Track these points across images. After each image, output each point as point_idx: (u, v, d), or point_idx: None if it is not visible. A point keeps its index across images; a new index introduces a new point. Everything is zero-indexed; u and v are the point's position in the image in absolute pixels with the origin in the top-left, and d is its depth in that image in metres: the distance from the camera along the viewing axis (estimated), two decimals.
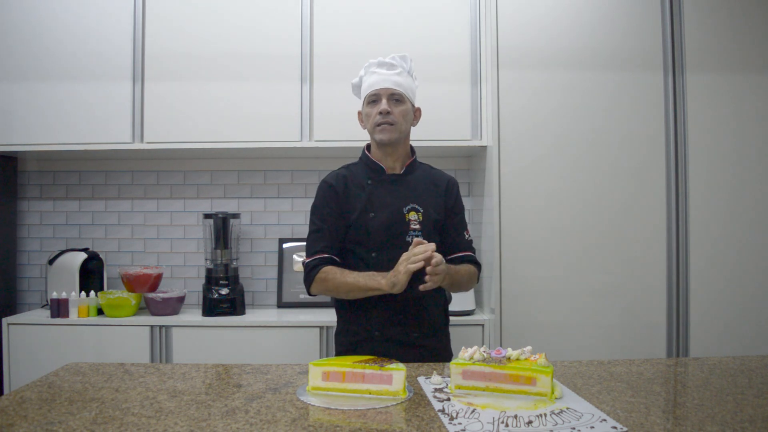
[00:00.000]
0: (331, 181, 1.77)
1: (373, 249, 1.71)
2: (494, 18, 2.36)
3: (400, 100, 1.75)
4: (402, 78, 1.76)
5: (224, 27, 2.46)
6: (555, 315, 2.33)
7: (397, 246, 1.68)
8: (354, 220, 1.71)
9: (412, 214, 1.73)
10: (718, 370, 1.40)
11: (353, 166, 1.83)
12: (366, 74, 1.79)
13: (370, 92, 1.75)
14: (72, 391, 1.23)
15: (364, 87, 1.79)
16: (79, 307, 2.42)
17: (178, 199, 2.80)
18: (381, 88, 1.73)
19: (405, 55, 1.81)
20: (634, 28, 2.37)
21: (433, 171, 1.87)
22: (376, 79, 1.75)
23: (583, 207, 2.36)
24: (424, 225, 1.73)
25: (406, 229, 1.72)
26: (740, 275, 2.35)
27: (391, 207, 1.72)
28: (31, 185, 2.81)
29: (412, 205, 1.74)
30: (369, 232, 1.70)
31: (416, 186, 1.78)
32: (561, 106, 2.37)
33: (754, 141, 2.37)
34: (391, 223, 1.71)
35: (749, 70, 2.36)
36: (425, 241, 1.56)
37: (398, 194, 1.75)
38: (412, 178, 1.79)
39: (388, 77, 1.74)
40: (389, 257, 1.66)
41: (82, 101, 2.46)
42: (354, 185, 1.76)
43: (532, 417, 1.04)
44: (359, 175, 1.78)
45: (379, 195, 1.74)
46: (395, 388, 1.19)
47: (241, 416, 1.07)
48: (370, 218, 1.71)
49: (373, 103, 1.75)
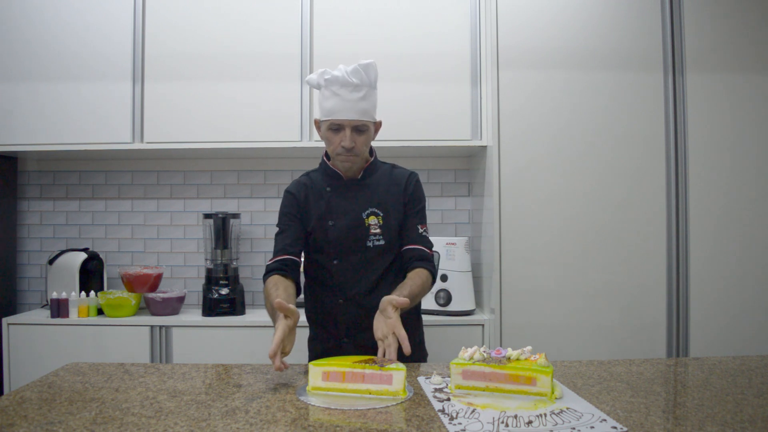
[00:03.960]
0: (292, 190, 1.74)
1: (334, 257, 1.68)
2: (494, 18, 2.36)
3: (364, 130, 1.64)
4: (366, 102, 1.62)
5: (224, 27, 2.47)
6: (555, 315, 2.33)
7: (359, 251, 1.66)
8: (313, 228, 1.68)
9: (371, 219, 1.68)
10: (718, 370, 1.40)
11: (313, 173, 1.78)
12: (326, 89, 1.62)
13: (332, 120, 1.61)
14: (72, 391, 1.23)
15: (324, 106, 1.63)
16: (79, 307, 2.42)
17: (178, 199, 2.80)
18: (345, 119, 1.60)
19: (370, 64, 1.62)
20: (634, 28, 2.37)
21: (394, 170, 1.78)
22: (338, 104, 1.60)
23: (583, 207, 2.36)
24: (385, 229, 1.68)
25: (366, 234, 1.67)
26: (740, 275, 2.35)
27: (349, 213, 1.68)
28: (31, 185, 2.81)
29: (372, 209, 1.69)
30: (328, 240, 1.67)
31: (376, 189, 1.71)
32: (561, 106, 2.37)
33: (753, 141, 2.37)
34: (350, 230, 1.67)
35: (749, 70, 2.36)
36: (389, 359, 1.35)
37: (357, 199, 1.69)
38: (372, 181, 1.72)
39: (352, 104, 1.59)
40: (350, 264, 1.66)
41: (82, 101, 2.46)
42: (313, 193, 1.72)
43: (532, 417, 1.04)
44: (318, 182, 1.74)
45: (337, 202, 1.69)
46: (395, 388, 1.19)
47: (241, 416, 1.07)
48: (329, 226, 1.67)
49: (335, 130, 1.63)
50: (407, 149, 2.56)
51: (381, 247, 1.68)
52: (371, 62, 1.63)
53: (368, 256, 1.68)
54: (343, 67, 1.61)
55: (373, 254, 1.68)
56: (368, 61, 1.62)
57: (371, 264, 1.68)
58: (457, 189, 2.82)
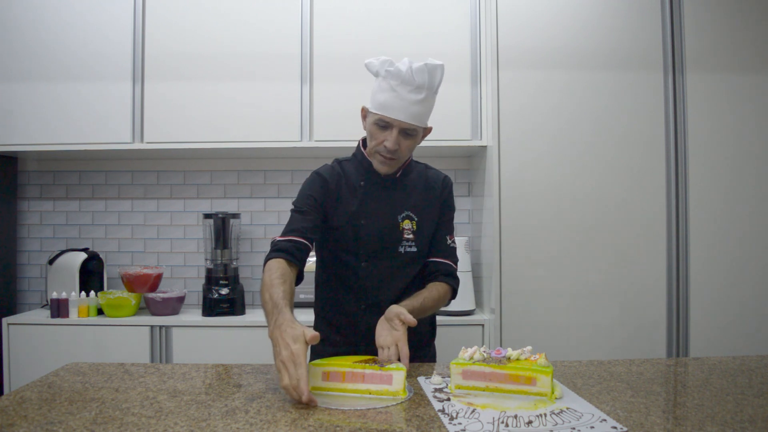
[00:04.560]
0: (324, 174, 1.60)
1: (363, 259, 1.57)
2: (494, 18, 2.36)
3: (412, 134, 1.53)
4: (423, 106, 1.49)
5: (224, 27, 2.47)
6: (555, 315, 2.33)
7: (389, 257, 1.57)
8: (343, 225, 1.56)
9: (406, 223, 1.59)
10: (718, 370, 1.40)
11: (346, 163, 1.65)
12: (385, 81, 1.49)
13: (381, 116, 1.49)
14: (72, 391, 1.23)
15: (377, 98, 1.51)
16: (79, 307, 2.42)
17: (178, 199, 2.80)
18: (395, 119, 1.48)
19: (438, 66, 1.49)
20: (634, 28, 2.37)
21: (428, 171, 1.70)
22: (393, 101, 1.47)
23: (583, 207, 2.36)
24: (418, 235, 1.60)
25: (400, 239, 1.58)
26: (740, 275, 2.35)
27: (384, 214, 1.58)
28: (31, 185, 2.81)
29: (407, 212, 1.60)
30: (359, 240, 1.56)
31: (412, 191, 1.63)
32: (561, 105, 2.37)
33: (753, 141, 2.37)
34: (383, 232, 1.57)
35: (749, 70, 2.36)
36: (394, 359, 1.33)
37: (393, 200, 1.60)
38: (408, 181, 1.63)
39: (407, 105, 1.47)
40: (379, 269, 1.56)
41: (82, 101, 2.46)
42: (346, 185, 1.59)
43: (532, 417, 1.04)
44: (351, 174, 1.61)
45: (372, 200, 1.58)
46: (395, 388, 1.19)
47: (241, 416, 1.07)
48: (361, 225, 1.56)
49: (382, 127, 1.51)
50: None
51: (412, 254, 1.59)
52: (440, 64, 1.50)
53: (399, 262, 1.58)
54: (409, 62, 1.48)
55: (404, 261, 1.59)
56: (437, 63, 1.49)
57: (401, 271, 1.59)
58: (457, 189, 2.79)
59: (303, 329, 1.19)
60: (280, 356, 1.16)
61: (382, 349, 1.39)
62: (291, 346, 1.15)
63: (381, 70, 1.51)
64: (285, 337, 1.18)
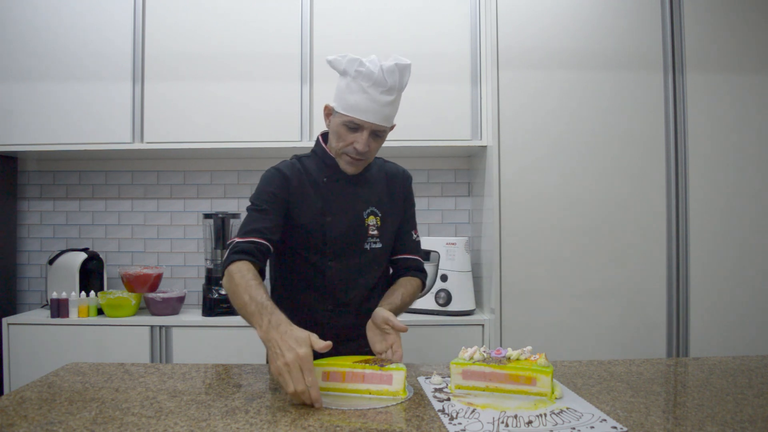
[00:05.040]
0: (286, 171, 1.54)
1: (329, 257, 1.52)
2: (494, 18, 2.36)
3: (381, 135, 1.51)
4: (393, 107, 1.48)
5: (224, 27, 2.47)
6: (555, 315, 2.33)
7: (356, 254, 1.54)
8: (308, 222, 1.51)
9: (371, 219, 1.56)
10: (718, 370, 1.40)
11: (306, 159, 1.60)
12: (355, 82, 1.45)
13: (353, 118, 1.46)
14: (72, 391, 1.23)
15: (347, 99, 1.46)
16: (79, 307, 2.42)
17: (178, 199, 2.80)
18: (368, 122, 1.45)
19: (407, 66, 1.47)
20: (634, 28, 2.37)
21: (387, 165, 1.67)
22: (365, 103, 1.44)
23: (583, 207, 2.36)
24: (382, 230, 1.57)
25: (365, 236, 1.55)
26: (740, 275, 2.35)
27: (349, 211, 1.54)
28: (31, 185, 2.81)
29: (372, 208, 1.56)
30: (326, 237, 1.51)
31: (375, 186, 1.60)
32: (561, 105, 2.37)
33: (754, 141, 2.37)
34: (350, 229, 1.53)
35: (749, 70, 2.36)
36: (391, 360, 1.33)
37: (357, 196, 1.56)
38: (370, 177, 1.60)
39: (380, 108, 1.45)
40: (346, 267, 1.53)
41: (82, 101, 2.46)
42: (309, 182, 1.54)
43: (532, 417, 1.04)
44: (313, 171, 1.56)
45: (336, 196, 1.54)
46: (395, 388, 1.19)
47: (241, 416, 1.07)
48: (327, 222, 1.51)
49: (352, 129, 1.48)
50: (407, 149, 2.56)
51: (378, 250, 1.57)
52: (409, 63, 1.47)
53: (365, 259, 1.56)
54: (378, 61, 1.45)
55: (370, 258, 1.56)
56: (406, 62, 1.46)
57: (367, 268, 1.57)
58: (457, 189, 2.82)
59: (308, 333, 1.15)
60: (283, 359, 1.10)
61: (379, 354, 1.42)
62: (296, 350, 1.10)
63: (350, 70, 1.46)
64: (287, 339, 1.13)
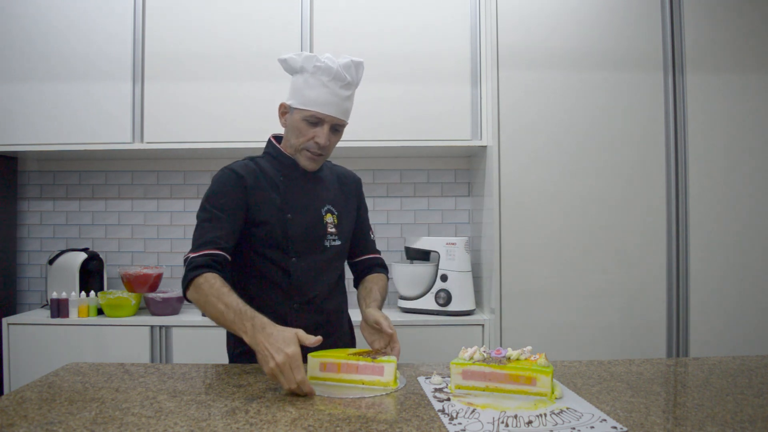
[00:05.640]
0: (240, 171, 1.52)
1: (292, 254, 1.52)
2: (494, 18, 2.36)
3: (340, 130, 1.56)
4: (350, 102, 1.54)
5: (224, 27, 2.46)
6: (555, 315, 2.33)
7: (317, 251, 1.56)
8: (269, 220, 1.51)
9: (328, 217, 1.59)
10: (718, 370, 1.40)
11: (260, 159, 1.60)
12: (313, 77, 1.49)
13: (314, 112, 1.49)
14: (72, 391, 1.23)
15: (306, 94, 1.49)
16: (79, 307, 2.42)
17: (178, 199, 2.80)
18: (329, 115, 1.49)
19: (361, 63, 1.55)
20: (634, 28, 2.37)
21: (336, 168, 1.72)
22: (326, 97, 1.48)
23: (583, 207, 2.36)
24: (339, 228, 1.61)
25: (324, 233, 1.57)
26: (740, 275, 2.35)
27: (309, 207, 1.56)
28: (31, 185, 2.81)
29: (328, 206, 1.60)
30: (287, 234, 1.51)
31: (329, 185, 1.63)
32: (561, 105, 2.37)
33: (753, 141, 2.37)
34: (310, 227, 1.55)
35: (749, 70, 2.37)
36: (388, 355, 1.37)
37: (314, 194, 1.58)
38: (323, 176, 1.63)
39: (339, 102, 1.50)
40: (309, 264, 1.54)
41: (82, 101, 2.46)
42: (265, 181, 1.54)
43: (532, 417, 1.04)
44: (268, 170, 1.56)
45: (294, 194, 1.55)
46: (386, 379, 1.26)
47: (241, 416, 1.07)
48: (288, 219, 1.51)
49: (313, 124, 1.51)
50: (407, 149, 2.56)
51: (337, 247, 1.60)
52: (362, 61, 1.55)
53: (326, 256, 1.58)
54: (333, 58, 1.51)
55: (330, 255, 1.59)
56: (359, 60, 1.54)
57: (329, 265, 1.59)
58: (457, 189, 2.82)
59: (295, 331, 1.22)
60: (273, 361, 1.16)
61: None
62: (285, 350, 1.16)
63: (308, 66, 1.49)
64: (274, 341, 1.18)
